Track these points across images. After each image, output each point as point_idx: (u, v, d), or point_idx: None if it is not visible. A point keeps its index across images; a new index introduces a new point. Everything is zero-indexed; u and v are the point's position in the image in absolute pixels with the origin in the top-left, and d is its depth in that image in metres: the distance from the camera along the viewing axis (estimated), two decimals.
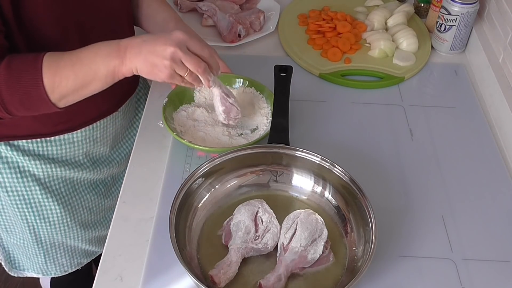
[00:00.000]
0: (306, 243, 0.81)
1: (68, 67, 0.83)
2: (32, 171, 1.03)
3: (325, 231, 0.84)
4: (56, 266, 1.19)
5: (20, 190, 1.04)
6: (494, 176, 1.01)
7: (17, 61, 0.82)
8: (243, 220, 0.84)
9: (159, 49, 0.83)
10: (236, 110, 0.99)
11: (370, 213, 0.82)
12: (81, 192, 1.12)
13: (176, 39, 0.84)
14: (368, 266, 0.76)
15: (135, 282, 0.83)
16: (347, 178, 0.88)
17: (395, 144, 1.07)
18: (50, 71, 0.82)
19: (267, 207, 0.87)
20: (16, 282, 1.89)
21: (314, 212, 0.86)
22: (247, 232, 0.83)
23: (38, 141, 1.01)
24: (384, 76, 1.22)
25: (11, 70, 0.81)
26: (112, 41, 0.86)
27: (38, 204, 1.07)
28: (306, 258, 0.81)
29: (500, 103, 1.12)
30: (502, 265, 0.87)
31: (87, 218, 1.15)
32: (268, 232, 0.84)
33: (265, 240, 0.83)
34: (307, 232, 0.82)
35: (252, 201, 0.88)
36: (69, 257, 1.19)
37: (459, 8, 1.21)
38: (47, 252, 1.15)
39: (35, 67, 0.82)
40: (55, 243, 1.14)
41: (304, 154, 0.92)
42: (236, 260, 0.81)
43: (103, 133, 1.10)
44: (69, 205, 1.10)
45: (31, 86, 0.82)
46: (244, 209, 0.86)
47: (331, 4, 1.41)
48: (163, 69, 0.84)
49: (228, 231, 0.85)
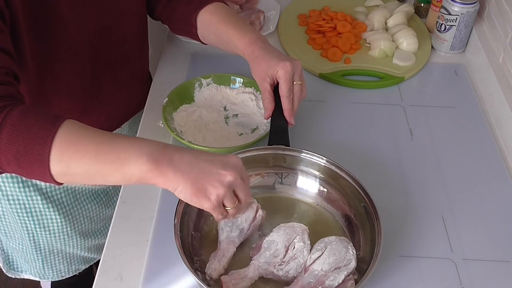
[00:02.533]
0: (328, 269, 0.78)
1: (92, 142, 0.69)
2: (34, 181, 1.02)
3: (353, 263, 0.80)
4: (54, 271, 1.19)
5: (21, 199, 1.04)
6: (494, 176, 1.01)
7: (36, 113, 0.69)
8: (277, 241, 0.82)
9: (216, 173, 0.70)
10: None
11: (376, 215, 0.82)
12: (82, 202, 1.11)
13: (236, 165, 0.72)
14: (375, 267, 0.76)
15: (135, 282, 0.83)
16: (353, 180, 0.88)
17: (395, 144, 1.07)
18: (67, 137, 0.68)
19: (306, 237, 0.83)
20: (16, 282, 1.89)
21: (349, 242, 0.82)
22: (275, 255, 0.81)
23: None
24: (384, 76, 1.22)
25: (25, 118, 0.68)
26: (156, 142, 0.71)
27: (39, 213, 1.06)
28: (324, 283, 0.78)
29: (500, 103, 1.12)
30: (502, 265, 0.87)
31: (87, 227, 1.15)
32: (294, 260, 0.81)
33: (287, 268, 0.81)
34: (333, 258, 0.79)
35: (296, 225, 0.84)
36: (67, 263, 1.19)
37: (459, 8, 1.21)
38: (45, 258, 1.15)
39: (52, 124, 0.68)
40: (54, 250, 1.14)
41: (310, 156, 0.91)
42: (252, 277, 0.80)
43: None
44: (70, 215, 1.10)
45: (36, 143, 0.67)
46: (284, 231, 0.83)
47: (331, 4, 1.42)
48: (213, 196, 0.70)
49: (259, 245, 0.84)
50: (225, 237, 0.84)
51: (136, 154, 0.67)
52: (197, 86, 1.11)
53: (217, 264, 0.81)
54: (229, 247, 0.83)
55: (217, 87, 1.12)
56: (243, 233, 0.85)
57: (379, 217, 0.82)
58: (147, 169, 0.67)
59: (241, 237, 0.85)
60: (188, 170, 0.69)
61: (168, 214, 0.82)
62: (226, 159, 0.72)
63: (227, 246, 0.83)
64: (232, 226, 0.84)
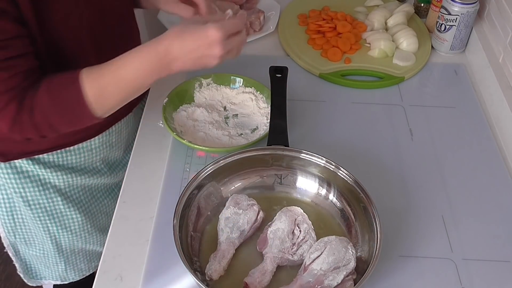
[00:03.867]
0: (327, 268, 0.79)
1: (112, 85, 0.83)
2: (53, 183, 1.04)
3: (352, 263, 0.80)
4: (75, 272, 1.21)
5: (42, 202, 1.05)
6: (494, 176, 1.01)
7: (55, 84, 0.82)
8: (282, 228, 0.83)
9: (206, 54, 0.82)
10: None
11: (375, 215, 0.82)
12: (98, 198, 1.13)
13: (217, 38, 0.81)
14: (374, 268, 0.76)
15: (135, 282, 0.83)
16: (352, 180, 0.88)
17: (395, 144, 1.07)
18: (94, 91, 0.81)
19: (306, 218, 0.86)
20: (16, 281, 1.89)
21: (349, 242, 0.82)
22: (284, 242, 0.82)
23: (58, 152, 1.01)
24: (384, 76, 1.22)
25: (52, 95, 0.81)
26: (150, 51, 0.83)
27: (60, 215, 1.08)
28: (323, 283, 0.78)
29: (500, 103, 1.12)
30: (502, 265, 0.87)
31: (105, 222, 1.17)
32: (306, 243, 0.83)
33: (301, 251, 0.82)
34: (332, 257, 0.79)
35: (291, 209, 0.86)
36: (88, 261, 1.21)
37: (459, 8, 1.21)
38: (67, 260, 1.16)
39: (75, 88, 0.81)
40: (75, 250, 1.16)
41: (309, 157, 0.91)
42: (272, 270, 0.81)
43: (118, 137, 1.10)
44: (89, 212, 1.12)
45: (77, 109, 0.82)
46: (285, 216, 0.84)
47: (331, 4, 1.41)
48: (214, 63, 0.85)
49: (264, 237, 0.84)
50: (225, 238, 0.84)
51: (147, 75, 0.84)
52: (197, 86, 1.11)
53: (217, 265, 0.81)
54: (229, 248, 0.83)
55: (217, 87, 1.12)
56: (243, 234, 0.85)
57: (379, 217, 0.82)
58: (160, 77, 0.85)
59: (241, 239, 0.85)
60: (184, 62, 0.83)
61: (168, 214, 0.82)
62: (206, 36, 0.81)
63: (227, 247, 0.83)
64: (233, 227, 0.84)
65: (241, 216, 0.85)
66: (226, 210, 0.86)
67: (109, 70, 0.83)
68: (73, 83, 0.81)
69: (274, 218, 0.86)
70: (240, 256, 0.85)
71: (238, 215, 0.85)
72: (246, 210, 0.86)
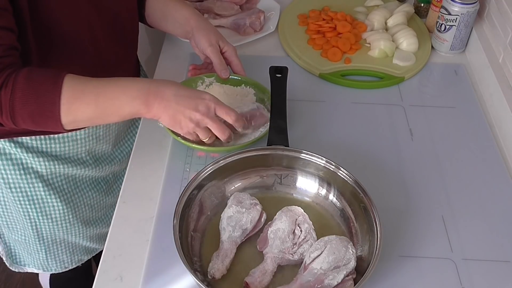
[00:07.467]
0: (328, 268, 0.78)
1: (91, 95, 0.84)
2: (35, 168, 1.03)
3: (352, 262, 0.80)
4: (57, 262, 1.19)
5: (23, 186, 1.04)
6: (494, 176, 1.01)
7: (37, 75, 0.82)
8: (283, 228, 0.83)
9: (188, 112, 0.88)
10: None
11: (375, 215, 0.82)
12: (83, 189, 1.12)
13: (206, 105, 0.89)
14: (374, 267, 0.76)
15: (135, 282, 0.84)
16: (352, 180, 0.88)
17: (395, 144, 1.07)
18: (71, 94, 0.82)
19: (307, 218, 0.86)
20: (16, 281, 1.89)
21: (349, 241, 0.82)
22: (285, 242, 0.82)
23: (42, 138, 1.01)
24: (384, 76, 1.22)
25: (30, 81, 0.81)
26: (140, 81, 0.88)
27: (40, 201, 1.07)
28: (323, 282, 0.78)
29: (500, 103, 1.12)
30: (502, 265, 0.87)
31: (88, 215, 1.16)
32: (306, 242, 0.83)
33: (301, 250, 0.82)
34: (332, 257, 0.79)
35: (291, 208, 0.87)
36: (70, 253, 1.20)
37: (459, 8, 1.21)
38: (49, 249, 1.15)
39: (55, 84, 0.82)
40: (57, 239, 1.15)
41: (309, 157, 0.91)
42: (272, 270, 0.81)
43: (106, 131, 1.10)
44: (71, 202, 1.11)
45: (47, 103, 0.81)
46: (286, 216, 0.84)
47: (331, 4, 1.42)
48: (185, 128, 0.90)
49: (264, 237, 0.84)
50: (227, 237, 0.84)
51: (128, 99, 0.86)
52: (200, 84, 1.10)
53: (220, 264, 0.81)
54: (232, 247, 0.83)
55: (220, 86, 1.11)
56: (245, 233, 0.85)
57: (379, 217, 0.82)
58: (137, 109, 0.86)
59: (242, 237, 0.85)
60: (167, 106, 0.87)
61: (168, 214, 0.82)
62: (199, 99, 0.89)
63: (230, 246, 0.83)
64: (235, 225, 0.84)
65: (244, 215, 0.85)
66: (228, 208, 0.86)
67: (94, 82, 0.85)
68: (55, 78, 0.82)
69: (274, 218, 0.86)
70: (240, 255, 0.85)
71: (241, 214, 0.85)
72: (249, 209, 0.86)
